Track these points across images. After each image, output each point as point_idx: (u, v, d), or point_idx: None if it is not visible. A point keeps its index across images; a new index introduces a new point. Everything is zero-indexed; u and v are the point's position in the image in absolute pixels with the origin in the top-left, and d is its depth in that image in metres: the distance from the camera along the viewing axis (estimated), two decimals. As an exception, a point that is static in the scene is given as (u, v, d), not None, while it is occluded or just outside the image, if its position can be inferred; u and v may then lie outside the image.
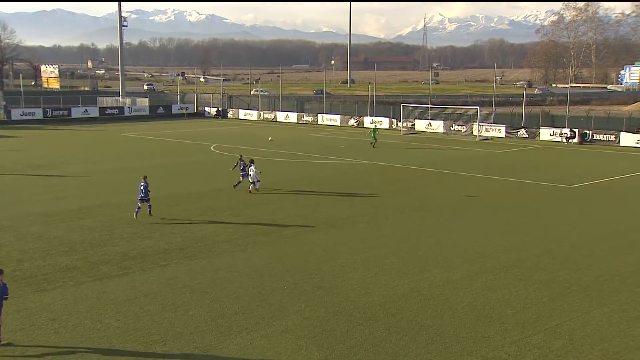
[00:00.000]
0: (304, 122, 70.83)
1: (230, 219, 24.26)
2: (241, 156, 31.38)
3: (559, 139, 52.29)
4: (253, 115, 76.11)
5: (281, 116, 73.35)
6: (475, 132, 55.66)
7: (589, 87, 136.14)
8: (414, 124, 61.31)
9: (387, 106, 71.59)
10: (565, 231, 22.73)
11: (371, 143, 47.86)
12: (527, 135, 54.21)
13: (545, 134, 53.45)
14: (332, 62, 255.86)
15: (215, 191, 29.93)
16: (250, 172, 29.10)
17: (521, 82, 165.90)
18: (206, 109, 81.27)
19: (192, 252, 19.93)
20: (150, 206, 24.62)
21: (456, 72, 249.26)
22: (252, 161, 29.74)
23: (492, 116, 58.12)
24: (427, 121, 60.79)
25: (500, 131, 55.92)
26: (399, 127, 60.92)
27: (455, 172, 36.04)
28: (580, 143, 50.83)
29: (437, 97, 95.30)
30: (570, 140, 51.22)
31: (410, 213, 25.62)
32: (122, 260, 19.05)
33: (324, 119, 69.32)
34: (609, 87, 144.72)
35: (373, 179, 33.54)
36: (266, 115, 74.71)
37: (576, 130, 51.41)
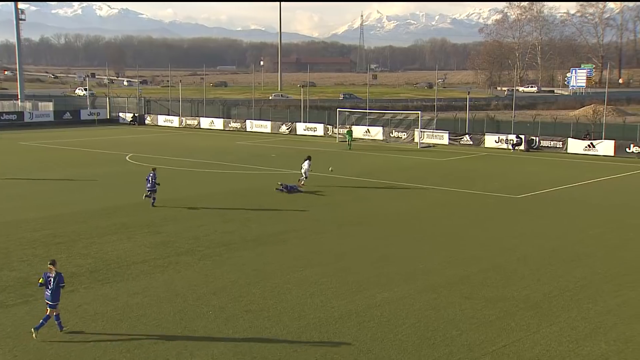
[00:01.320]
0: (231, 129, 70.51)
1: (148, 237, 23.82)
2: (309, 156, 35.34)
3: (504, 145, 53.94)
4: (174, 121, 75.27)
5: (205, 122, 72.79)
6: (416, 139, 56.73)
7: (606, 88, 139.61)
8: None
9: (321, 111, 72.12)
10: (512, 244, 23.42)
11: (349, 145, 53.02)
12: (471, 142, 55.68)
13: (490, 140, 55.04)
14: (262, 62, 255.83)
15: (131, 206, 29.35)
16: (304, 167, 33.84)
17: (422, 83, 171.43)
18: (120, 114, 79.77)
19: (105, 275, 19.43)
20: (154, 198, 28.79)
21: (396, 75, 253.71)
22: (309, 157, 34.89)
23: (434, 122, 59.39)
24: (365, 127, 61.57)
25: (443, 138, 57.22)
26: (335, 134, 61.42)
27: (396, 182, 36.60)
28: (526, 150, 52.58)
29: (376, 102, 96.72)
30: (516, 147, 52.91)
31: (347, 227, 25.82)
32: (22, 287, 18.37)
33: (252, 125, 69.20)
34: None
35: (307, 190, 33.59)
36: (189, 122, 74.01)
37: (522, 137, 53.16)
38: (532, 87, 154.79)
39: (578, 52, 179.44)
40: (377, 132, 60.52)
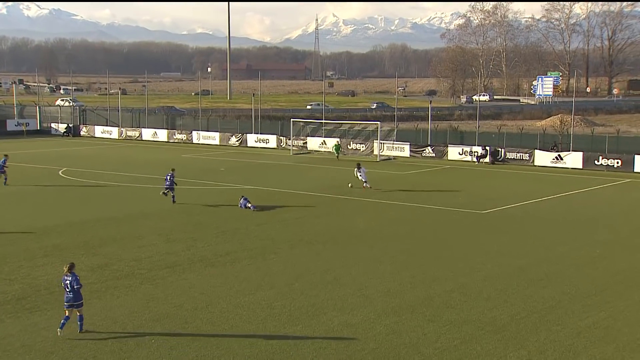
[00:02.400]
0: (176, 140, 70.02)
1: (84, 260, 23.41)
2: (359, 163, 40.89)
3: (469, 158, 54.73)
4: (113, 132, 74.41)
5: (148, 134, 72.11)
6: (376, 151, 57.16)
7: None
8: (305, 142, 62.13)
9: (274, 121, 72.14)
10: (477, 263, 23.72)
11: (337, 156, 55.15)
12: (433, 155, 56.34)
13: (454, 152, 55.79)
14: (209, 69, 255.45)
15: (65, 226, 28.84)
16: (359, 174, 38.73)
17: (347, 91, 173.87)
18: (53, 125, 78.48)
19: (34, 303, 19.02)
20: (174, 195, 34.07)
21: (353, 82, 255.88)
22: (358, 164, 40.13)
23: (395, 133, 59.94)
24: (321, 139, 61.79)
25: (404, 150, 57.78)
26: (289, 146, 61.50)
27: (354, 198, 36.78)
28: (492, 162, 53.44)
29: (333, 111, 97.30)
30: (481, 160, 53.74)
31: (302, 246, 25.83)
32: (-58, 316, 17.87)
33: (199, 137, 68.84)
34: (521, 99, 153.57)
35: (259, 205, 33.50)
36: (129, 133, 73.24)
37: (488, 148, 54.03)
38: (483, 95, 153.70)
39: (544, 59, 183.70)
40: (333, 144, 60.72)
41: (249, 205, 32.77)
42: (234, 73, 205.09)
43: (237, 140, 66.48)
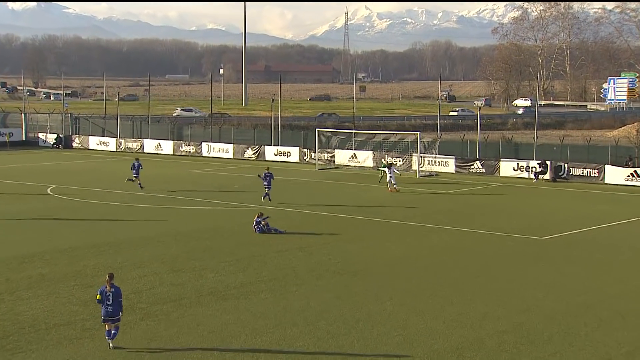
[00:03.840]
0: (183, 153, 70.46)
1: (75, 292, 23.56)
2: (390, 163, 49.53)
3: (525, 174, 54.38)
4: (110, 144, 75.09)
5: (150, 145, 72.64)
6: (415, 166, 57.02)
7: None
8: (333, 156, 62.16)
9: (297, 132, 72.26)
10: (536, 299, 23.50)
11: (381, 177, 50.45)
12: (483, 170, 56.08)
13: (507, 168, 55.47)
14: (222, 71, 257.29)
15: (52, 252, 29.06)
16: (389, 174, 46.12)
17: (321, 95, 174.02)
18: (41, 135, 79.31)
19: (17, 343, 19.16)
20: (269, 194, 40.30)
21: (389, 86, 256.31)
22: (391, 164, 49.03)
23: (438, 145, 59.80)
24: (351, 152, 61.81)
25: (449, 164, 57.58)
26: (314, 159, 61.56)
27: (389, 220, 36.68)
28: (553, 180, 53.06)
29: (365, 120, 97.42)
30: (540, 177, 53.37)
31: (329, 277, 25.79)
32: None
33: (210, 149, 69.20)
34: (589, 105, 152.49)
35: (278, 229, 33.54)
36: (129, 145, 73.85)
37: (548, 163, 53.66)
38: (525, 100, 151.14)
39: (617, 57, 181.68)
40: (365, 158, 60.72)
41: (267, 223, 32.79)
42: (251, 75, 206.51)
43: (253, 153, 66.72)
